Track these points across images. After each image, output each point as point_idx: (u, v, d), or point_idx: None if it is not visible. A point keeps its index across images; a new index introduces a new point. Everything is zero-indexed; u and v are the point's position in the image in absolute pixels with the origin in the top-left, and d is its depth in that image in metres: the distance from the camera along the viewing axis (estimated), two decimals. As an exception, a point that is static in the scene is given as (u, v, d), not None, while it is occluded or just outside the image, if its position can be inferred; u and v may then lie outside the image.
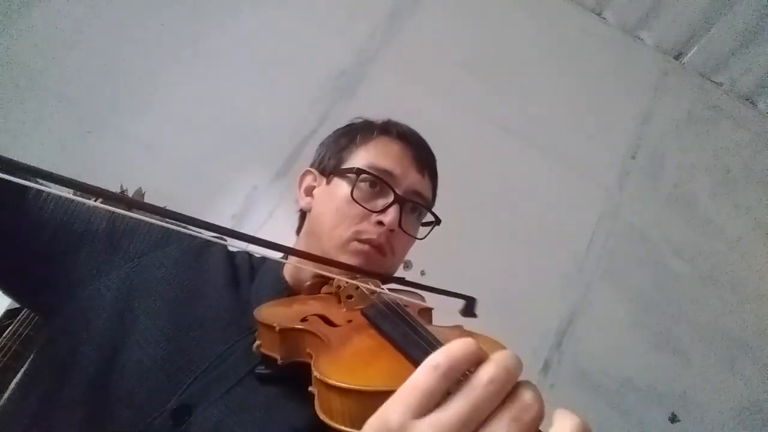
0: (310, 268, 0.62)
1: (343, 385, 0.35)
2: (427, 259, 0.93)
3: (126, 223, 0.64)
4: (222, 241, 0.69)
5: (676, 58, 1.90)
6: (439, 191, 0.82)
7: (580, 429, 0.27)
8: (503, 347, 0.35)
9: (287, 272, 0.70)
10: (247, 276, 0.68)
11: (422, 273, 1.28)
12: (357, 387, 0.35)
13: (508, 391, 0.28)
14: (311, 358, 0.42)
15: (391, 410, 0.28)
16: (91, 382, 0.51)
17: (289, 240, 0.88)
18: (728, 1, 1.71)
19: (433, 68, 1.69)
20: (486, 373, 0.28)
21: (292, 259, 0.72)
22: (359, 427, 0.31)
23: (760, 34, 1.75)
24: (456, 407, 0.27)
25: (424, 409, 0.28)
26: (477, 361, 0.29)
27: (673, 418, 1.38)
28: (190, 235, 0.62)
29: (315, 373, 0.38)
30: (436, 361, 0.28)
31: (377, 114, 0.82)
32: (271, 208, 1.40)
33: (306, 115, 1.53)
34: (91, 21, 1.52)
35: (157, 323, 0.55)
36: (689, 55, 1.88)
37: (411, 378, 0.29)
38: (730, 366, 1.48)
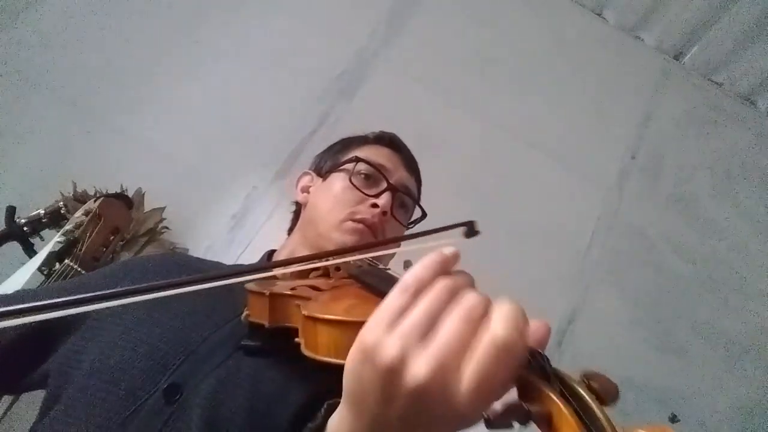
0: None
1: (330, 317, 0.38)
2: (427, 259, 0.94)
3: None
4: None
5: (676, 58, 1.90)
6: (439, 190, 0.83)
7: (515, 310, 0.30)
8: None
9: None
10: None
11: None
12: (343, 318, 0.37)
13: (455, 295, 0.31)
14: (299, 307, 0.44)
15: (366, 333, 0.31)
16: (82, 383, 0.52)
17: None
18: (728, 1, 1.71)
19: (433, 68, 1.69)
20: (438, 283, 0.31)
21: (286, 249, 0.77)
22: (343, 358, 0.32)
23: (760, 34, 1.75)
24: (410, 314, 0.30)
25: (393, 324, 0.30)
26: (441, 272, 0.32)
27: (673, 418, 1.38)
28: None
29: (303, 312, 0.40)
30: (404, 282, 0.31)
31: (377, 113, 0.83)
32: (271, 208, 1.40)
33: (306, 115, 1.53)
34: (91, 21, 1.52)
35: (136, 325, 0.56)
36: (689, 55, 1.88)
37: (383, 302, 0.31)
38: (730, 366, 1.48)
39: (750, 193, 1.72)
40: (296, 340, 0.41)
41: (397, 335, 0.29)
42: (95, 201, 1.01)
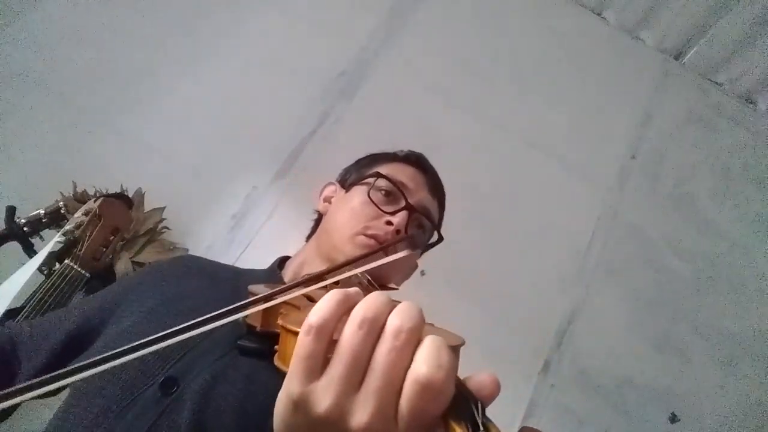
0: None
1: (298, 329, 0.36)
2: (427, 259, 0.94)
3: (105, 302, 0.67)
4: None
5: (676, 58, 1.90)
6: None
7: (437, 346, 0.28)
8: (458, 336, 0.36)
9: (287, 276, 0.76)
10: (232, 273, 0.74)
11: (422, 273, 1.28)
12: None
13: (380, 327, 0.29)
14: (281, 315, 0.43)
15: (290, 384, 0.29)
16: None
17: (289, 238, 0.89)
18: (728, 1, 1.71)
19: (433, 68, 1.69)
20: (353, 320, 0.29)
21: (300, 257, 0.78)
22: None
23: (760, 34, 1.75)
24: (338, 361, 0.28)
25: (314, 372, 0.29)
26: (346, 309, 0.30)
27: (673, 418, 1.38)
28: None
29: (279, 322, 0.40)
30: (307, 325, 0.30)
31: (377, 113, 0.83)
32: (271, 208, 1.40)
33: (306, 115, 1.52)
34: (91, 21, 1.52)
35: (142, 319, 0.58)
36: (689, 55, 1.88)
37: (295, 348, 0.30)
38: (730, 366, 1.48)
39: (750, 192, 1.72)
40: (275, 347, 0.40)
41: (328, 383, 0.28)
42: (95, 201, 1.01)
